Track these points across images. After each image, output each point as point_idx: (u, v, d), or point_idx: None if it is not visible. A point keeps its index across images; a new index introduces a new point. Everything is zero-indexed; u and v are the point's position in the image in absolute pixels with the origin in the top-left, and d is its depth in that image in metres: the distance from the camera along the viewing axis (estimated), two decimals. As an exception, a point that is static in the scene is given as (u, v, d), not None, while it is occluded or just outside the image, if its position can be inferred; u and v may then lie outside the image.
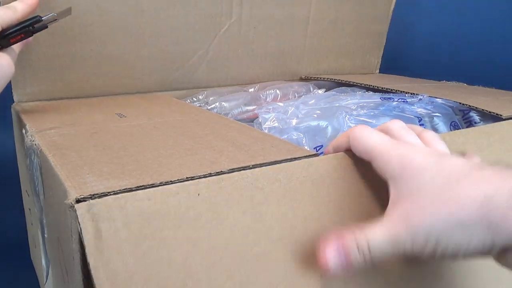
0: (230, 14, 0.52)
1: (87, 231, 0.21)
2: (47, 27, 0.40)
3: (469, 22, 0.79)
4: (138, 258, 0.21)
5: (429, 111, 0.37)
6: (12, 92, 0.45)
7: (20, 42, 0.38)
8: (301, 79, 0.62)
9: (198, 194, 0.24)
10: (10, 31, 0.37)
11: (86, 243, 0.21)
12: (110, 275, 0.20)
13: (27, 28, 0.38)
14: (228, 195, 0.24)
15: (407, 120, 0.37)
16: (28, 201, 0.46)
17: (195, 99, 0.53)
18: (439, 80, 0.59)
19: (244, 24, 0.54)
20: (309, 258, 0.24)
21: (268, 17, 0.56)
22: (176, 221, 0.23)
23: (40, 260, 0.41)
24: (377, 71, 0.71)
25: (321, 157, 0.27)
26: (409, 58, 0.80)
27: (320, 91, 0.53)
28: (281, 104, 0.43)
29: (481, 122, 0.39)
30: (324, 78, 0.59)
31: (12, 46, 0.38)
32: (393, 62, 0.72)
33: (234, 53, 0.55)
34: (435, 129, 0.37)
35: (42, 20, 0.39)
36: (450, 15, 0.80)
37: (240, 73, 0.57)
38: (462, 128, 0.39)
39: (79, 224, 0.21)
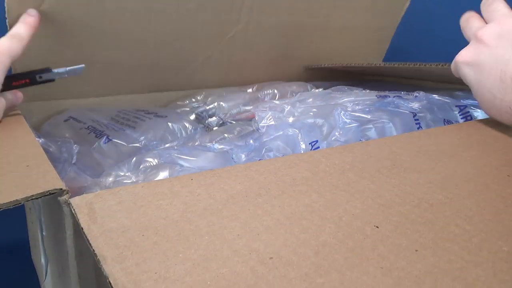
0: (237, 21, 0.51)
1: (80, 210, 0.21)
2: (53, 80, 0.38)
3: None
4: (134, 219, 0.21)
5: (425, 107, 0.38)
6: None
7: (15, 90, 0.35)
8: (306, 69, 0.61)
9: (192, 179, 0.24)
10: (18, 73, 0.35)
11: (79, 217, 0.21)
12: (103, 231, 0.20)
13: (35, 76, 0.36)
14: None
15: (402, 116, 0.37)
16: (28, 200, 0.46)
17: (193, 100, 0.54)
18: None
19: (250, 31, 0.53)
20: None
21: (276, 24, 0.54)
22: (170, 194, 0.23)
23: (40, 258, 0.41)
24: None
25: None
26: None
27: (317, 91, 0.53)
28: (277, 102, 0.43)
29: (478, 118, 0.39)
30: (326, 65, 0.58)
31: (7, 92, 0.35)
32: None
33: (237, 57, 0.54)
34: (430, 125, 0.37)
35: (51, 72, 0.37)
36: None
37: (240, 75, 0.57)
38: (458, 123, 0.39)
39: (73, 209, 0.21)
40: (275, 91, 0.54)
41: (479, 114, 0.39)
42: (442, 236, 0.20)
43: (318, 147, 0.35)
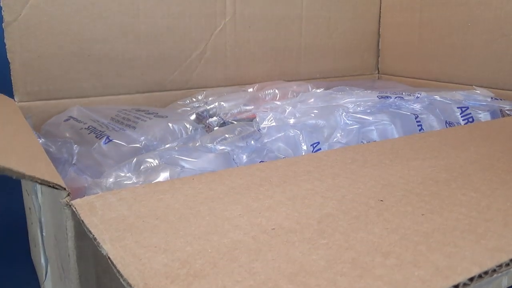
0: (224, 13, 0.53)
1: (81, 208, 0.21)
2: None
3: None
4: (134, 209, 0.21)
5: (426, 108, 0.37)
6: (13, 92, 0.45)
7: None
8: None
9: (193, 179, 0.24)
10: None
11: (79, 212, 0.21)
12: (103, 221, 0.20)
13: None
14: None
15: (403, 117, 0.37)
16: (28, 200, 0.46)
17: (194, 100, 0.54)
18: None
19: (238, 23, 0.54)
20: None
21: (262, 16, 0.56)
22: (171, 190, 0.23)
23: (40, 258, 0.41)
24: (376, 71, 0.71)
25: None
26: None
27: (319, 91, 0.53)
28: (278, 103, 0.43)
29: (479, 120, 0.39)
30: None
31: None
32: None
33: (231, 52, 0.56)
34: (432, 126, 0.37)
35: None
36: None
37: (238, 73, 0.58)
38: (460, 125, 0.39)
39: (74, 208, 0.21)
40: (276, 91, 0.54)
41: (480, 116, 0.39)
42: (449, 202, 0.20)
43: (320, 149, 0.35)
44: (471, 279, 0.14)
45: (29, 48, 0.44)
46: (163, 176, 0.35)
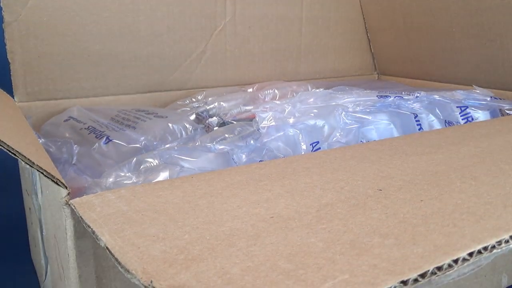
0: (224, 14, 0.53)
1: (80, 206, 0.21)
2: None
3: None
4: (133, 205, 0.21)
5: (425, 108, 0.38)
6: (13, 92, 0.46)
7: None
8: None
9: (192, 177, 0.24)
10: None
11: (78, 209, 0.21)
12: (102, 216, 0.20)
13: None
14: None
15: (402, 117, 0.37)
16: (28, 200, 0.46)
17: (194, 100, 0.54)
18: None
19: (238, 23, 0.54)
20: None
21: (262, 16, 0.56)
22: (170, 187, 0.23)
23: (40, 259, 0.41)
24: (376, 71, 0.71)
25: None
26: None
27: (318, 91, 0.53)
28: (278, 102, 0.43)
29: (479, 119, 0.39)
30: None
31: None
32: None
33: (231, 52, 0.56)
34: (431, 126, 0.37)
35: None
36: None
37: (238, 73, 0.58)
38: (459, 124, 0.39)
39: (73, 207, 0.21)
40: (276, 91, 0.54)
41: (480, 115, 0.39)
42: (448, 190, 0.20)
43: (319, 148, 0.35)
44: (471, 254, 0.14)
45: (29, 48, 0.44)
46: (163, 175, 0.35)
